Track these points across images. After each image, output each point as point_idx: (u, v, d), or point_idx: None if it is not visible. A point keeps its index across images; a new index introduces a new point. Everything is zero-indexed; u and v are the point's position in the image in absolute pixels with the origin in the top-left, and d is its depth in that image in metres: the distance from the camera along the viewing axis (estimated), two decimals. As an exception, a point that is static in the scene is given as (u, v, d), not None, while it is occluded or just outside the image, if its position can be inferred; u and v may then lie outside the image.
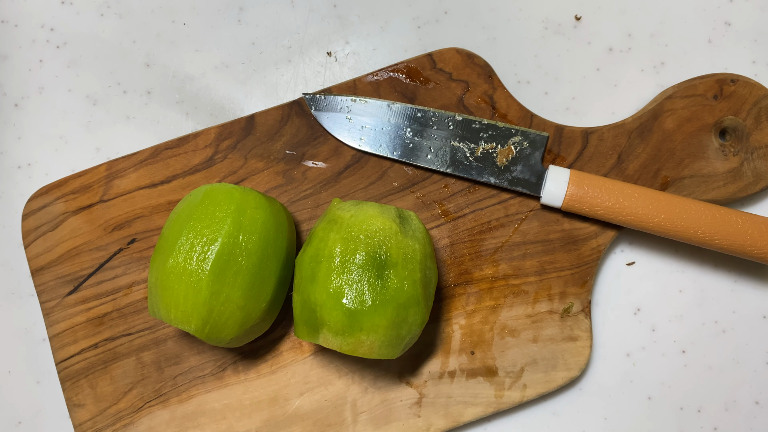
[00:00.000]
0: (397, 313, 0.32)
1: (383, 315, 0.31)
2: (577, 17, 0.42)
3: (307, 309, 0.32)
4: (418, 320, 0.33)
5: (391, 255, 0.32)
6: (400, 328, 0.32)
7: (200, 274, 0.31)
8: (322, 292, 0.31)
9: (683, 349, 0.40)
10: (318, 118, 0.39)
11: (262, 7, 0.43)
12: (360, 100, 0.38)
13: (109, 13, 0.43)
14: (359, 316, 0.31)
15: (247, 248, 0.32)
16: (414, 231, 0.34)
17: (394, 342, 0.32)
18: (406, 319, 0.32)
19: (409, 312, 0.32)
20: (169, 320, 0.32)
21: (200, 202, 0.33)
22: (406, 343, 0.33)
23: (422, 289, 0.33)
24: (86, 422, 0.38)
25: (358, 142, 0.39)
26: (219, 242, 0.32)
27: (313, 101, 0.39)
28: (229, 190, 0.34)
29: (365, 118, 0.38)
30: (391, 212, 0.33)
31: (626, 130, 0.39)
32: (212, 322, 0.32)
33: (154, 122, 0.42)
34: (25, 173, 0.42)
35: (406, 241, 0.33)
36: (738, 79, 0.39)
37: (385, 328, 0.31)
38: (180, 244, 0.32)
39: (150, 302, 0.33)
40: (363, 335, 0.31)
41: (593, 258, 0.38)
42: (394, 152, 0.39)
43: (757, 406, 0.39)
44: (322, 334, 0.32)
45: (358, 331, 0.31)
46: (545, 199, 0.37)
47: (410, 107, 0.38)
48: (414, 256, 0.32)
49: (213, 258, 0.32)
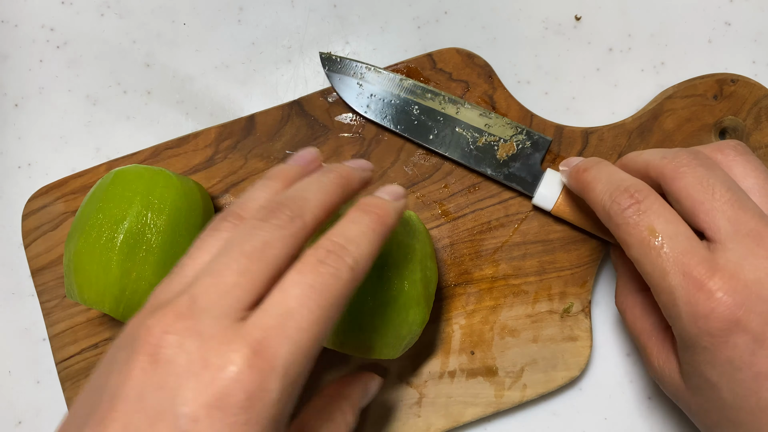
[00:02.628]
0: (397, 313, 0.31)
1: (383, 315, 0.31)
2: (577, 17, 0.42)
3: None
4: (419, 320, 0.33)
5: (391, 255, 0.32)
6: (401, 328, 0.32)
7: (110, 253, 0.32)
8: None
9: (683, 349, 0.40)
10: (329, 78, 0.39)
11: (262, 7, 0.43)
12: (374, 69, 0.39)
13: (109, 13, 0.43)
14: (359, 316, 0.31)
15: (156, 226, 0.33)
16: (414, 231, 0.34)
17: (394, 342, 0.32)
18: (406, 319, 0.32)
19: (410, 312, 0.32)
20: (84, 301, 0.33)
21: (110, 183, 0.33)
22: (406, 343, 0.33)
23: (422, 289, 0.33)
24: (86, 422, 0.38)
25: (364, 108, 0.39)
26: (128, 221, 0.32)
27: (328, 61, 0.39)
28: (139, 170, 0.34)
29: (375, 87, 0.39)
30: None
31: (626, 130, 0.39)
32: (125, 301, 0.32)
33: (154, 122, 0.42)
34: (25, 173, 0.42)
35: (405, 240, 0.33)
36: (738, 79, 0.39)
37: (385, 328, 0.31)
38: (90, 225, 0.32)
39: (66, 285, 0.34)
40: (363, 335, 0.31)
41: (593, 258, 0.38)
42: (398, 126, 0.39)
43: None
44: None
45: (358, 331, 0.31)
46: (537, 200, 0.37)
47: (421, 86, 0.39)
48: (413, 255, 0.32)
49: (122, 237, 0.32)
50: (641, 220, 0.28)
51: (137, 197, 0.33)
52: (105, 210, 0.32)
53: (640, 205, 0.28)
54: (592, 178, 0.31)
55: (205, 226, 0.26)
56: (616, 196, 0.29)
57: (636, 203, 0.28)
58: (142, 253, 0.32)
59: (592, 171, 0.31)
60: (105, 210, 0.32)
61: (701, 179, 0.28)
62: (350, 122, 0.40)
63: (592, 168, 0.32)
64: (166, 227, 0.33)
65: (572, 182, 0.33)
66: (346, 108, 0.40)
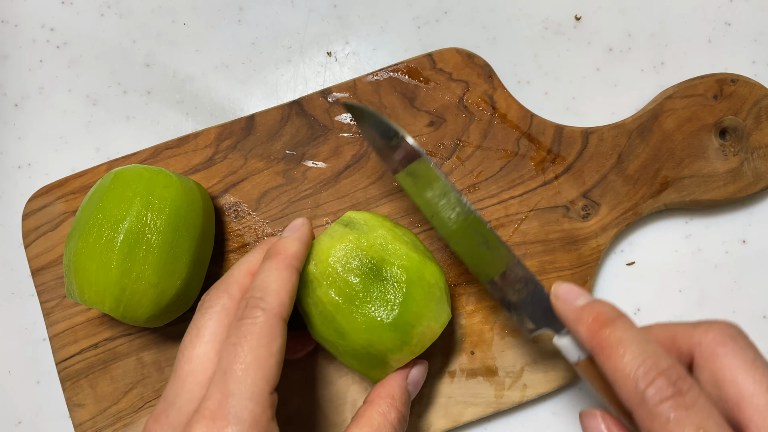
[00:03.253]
0: (421, 287, 0.32)
1: (416, 298, 0.31)
2: (577, 17, 0.42)
3: (362, 358, 0.32)
4: (436, 275, 0.33)
5: (371, 257, 0.32)
6: (433, 291, 0.32)
7: (110, 253, 0.32)
8: (359, 333, 0.31)
9: (683, 349, 0.40)
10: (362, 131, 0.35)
11: (262, 7, 0.43)
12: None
13: (109, 13, 0.43)
14: (400, 318, 0.31)
15: (156, 226, 0.33)
16: (364, 224, 0.34)
17: (439, 306, 0.32)
18: (429, 282, 0.32)
19: (426, 273, 0.32)
20: (84, 301, 0.33)
21: (110, 184, 0.34)
22: (447, 295, 0.33)
23: (412, 251, 0.33)
24: (86, 422, 0.38)
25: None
26: (128, 221, 0.32)
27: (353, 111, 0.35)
28: (139, 170, 0.34)
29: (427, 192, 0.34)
30: (335, 230, 0.33)
31: (626, 130, 0.39)
32: (126, 301, 0.32)
33: (154, 122, 0.42)
34: (25, 173, 0.42)
35: (366, 237, 0.33)
36: (738, 79, 0.39)
37: (425, 305, 0.32)
38: (90, 225, 0.32)
39: (66, 285, 0.34)
40: (418, 328, 0.31)
41: (593, 258, 0.38)
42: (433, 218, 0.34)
43: (757, 406, 0.39)
44: (391, 361, 0.32)
45: (411, 329, 0.31)
46: (559, 341, 0.31)
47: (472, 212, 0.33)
48: (383, 242, 0.33)
49: (122, 237, 0.32)
50: (687, 419, 0.23)
51: (137, 197, 0.33)
52: (105, 210, 0.32)
53: (684, 398, 0.23)
54: (616, 340, 0.26)
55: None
56: (652, 377, 0.24)
57: (679, 395, 0.23)
58: (142, 253, 0.32)
59: (616, 331, 0.26)
60: (105, 210, 0.32)
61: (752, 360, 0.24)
62: (350, 122, 0.40)
63: (615, 326, 0.26)
64: (166, 227, 0.33)
65: (584, 334, 0.27)
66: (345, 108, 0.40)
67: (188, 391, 0.27)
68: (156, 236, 0.32)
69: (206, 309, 0.30)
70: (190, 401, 0.27)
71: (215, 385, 0.26)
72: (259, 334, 0.27)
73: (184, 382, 0.28)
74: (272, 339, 0.27)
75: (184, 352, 0.29)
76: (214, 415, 0.25)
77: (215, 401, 0.25)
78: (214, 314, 0.29)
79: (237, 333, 0.27)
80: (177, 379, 0.28)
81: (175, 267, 0.33)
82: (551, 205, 0.39)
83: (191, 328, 0.29)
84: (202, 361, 0.28)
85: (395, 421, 0.31)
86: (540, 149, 0.39)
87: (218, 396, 0.26)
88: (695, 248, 0.40)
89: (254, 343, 0.27)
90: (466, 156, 0.39)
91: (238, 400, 0.25)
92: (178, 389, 0.27)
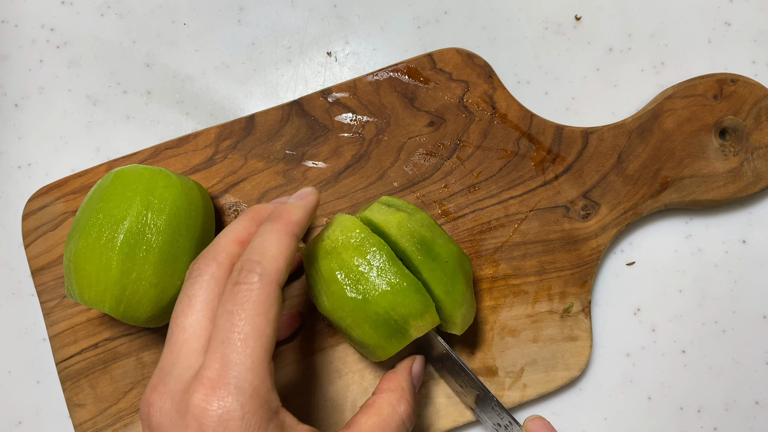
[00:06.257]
0: (463, 273, 0.33)
1: (461, 280, 0.33)
2: (577, 17, 0.42)
3: (381, 326, 0.31)
4: (469, 269, 0.35)
5: (422, 234, 0.33)
6: (470, 281, 0.34)
7: (110, 253, 0.32)
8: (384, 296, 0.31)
9: (683, 349, 0.40)
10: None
11: (262, 7, 0.43)
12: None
13: (109, 13, 0.43)
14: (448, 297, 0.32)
15: (156, 226, 0.33)
16: (406, 207, 0.34)
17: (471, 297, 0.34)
18: (467, 272, 0.34)
19: (465, 263, 0.34)
20: (84, 301, 0.33)
21: (110, 184, 0.34)
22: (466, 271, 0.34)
23: (455, 245, 0.34)
24: (86, 422, 0.38)
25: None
26: (128, 221, 0.32)
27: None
28: (139, 170, 0.34)
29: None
30: (379, 208, 0.34)
31: (626, 130, 0.39)
32: (126, 301, 0.32)
33: (154, 122, 0.42)
34: (25, 173, 0.42)
35: (412, 218, 0.33)
36: (738, 79, 0.39)
37: (465, 290, 0.33)
38: (90, 225, 0.32)
39: (66, 285, 0.34)
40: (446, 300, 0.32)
41: (593, 258, 0.38)
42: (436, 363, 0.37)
43: (757, 406, 0.39)
44: (411, 329, 0.31)
45: (439, 297, 0.32)
46: None
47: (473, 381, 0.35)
48: (429, 224, 0.33)
49: (122, 237, 0.32)
50: None
51: (137, 197, 0.33)
52: (105, 210, 0.32)
53: None
54: None
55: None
56: None
57: None
58: (142, 253, 0.32)
59: None
60: (105, 210, 0.32)
61: None
62: (350, 122, 0.40)
63: None
64: (166, 227, 0.33)
65: None
66: (345, 108, 0.40)
67: (184, 359, 0.27)
68: (156, 236, 0.32)
69: (195, 277, 0.29)
70: (188, 369, 0.27)
71: (213, 354, 0.26)
72: (255, 301, 0.27)
73: (179, 351, 0.27)
74: (269, 307, 0.27)
75: (176, 322, 0.28)
76: (213, 383, 0.25)
77: (214, 371, 0.25)
78: (204, 282, 0.29)
79: (233, 300, 0.27)
80: (172, 349, 0.28)
81: (175, 267, 0.33)
82: (551, 205, 0.39)
83: (182, 297, 0.29)
84: (196, 329, 0.28)
85: (404, 413, 0.31)
86: (540, 149, 0.39)
87: (217, 366, 0.25)
88: (695, 248, 0.40)
89: (252, 311, 0.26)
90: (466, 156, 0.39)
91: (238, 371, 0.25)
92: (173, 359, 0.27)
